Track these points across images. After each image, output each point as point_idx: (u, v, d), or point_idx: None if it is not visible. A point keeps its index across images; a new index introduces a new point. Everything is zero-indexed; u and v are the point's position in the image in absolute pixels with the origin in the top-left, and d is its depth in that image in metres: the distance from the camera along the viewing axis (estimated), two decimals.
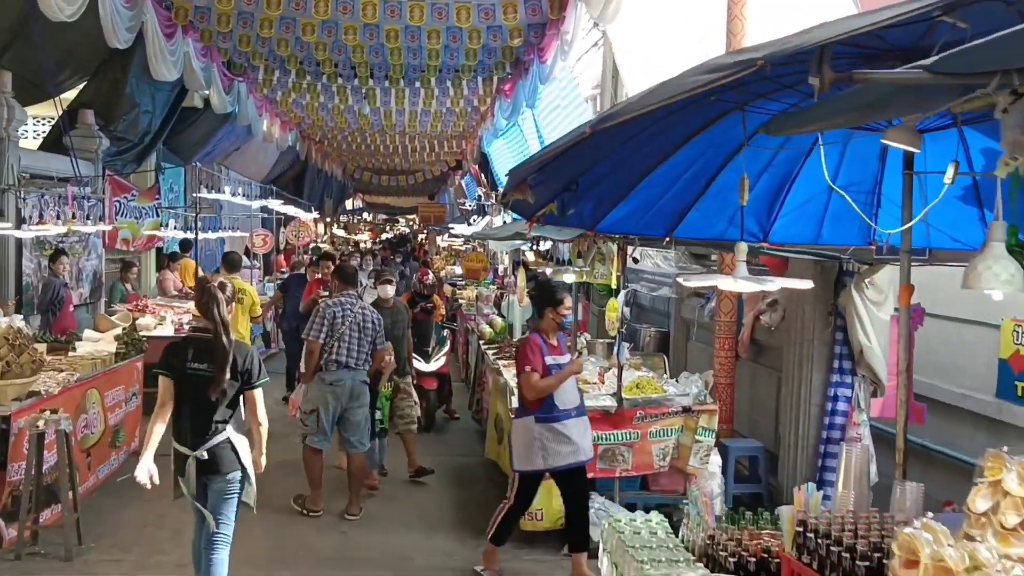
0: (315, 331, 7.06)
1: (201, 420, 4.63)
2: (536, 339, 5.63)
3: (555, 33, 10.84)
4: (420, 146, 23.80)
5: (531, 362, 5.49)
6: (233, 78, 13.87)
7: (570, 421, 5.61)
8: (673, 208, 4.39)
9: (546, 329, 5.71)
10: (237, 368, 4.65)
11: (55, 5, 7.73)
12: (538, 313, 5.80)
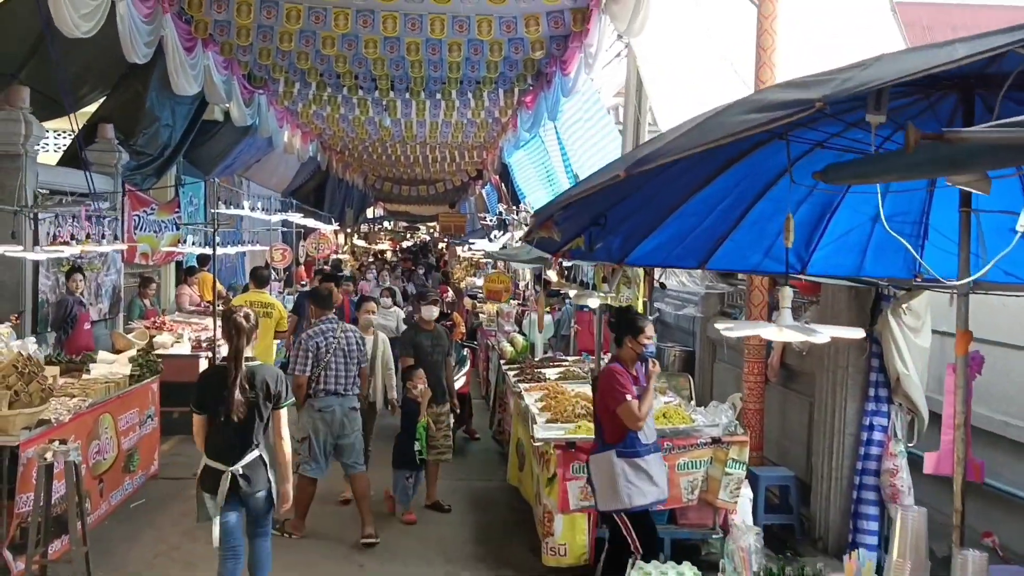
0: (300, 366, 7.07)
1: (236, 439, 5.02)
2: (619, 369, 5.32)
3: (578, 46, 10.65)
4: (441, 156, 23.70)
5: (626, 389, 5.19)
6: (253, 91, 13.79)
7: (651, 457, 5.35)
8: (706, 239, 4.17)
9: (626, 359, 5.40)
10: (269, 390, 5.09)
11: (71, 22, 7.62)
12: (616, 342, 5.49)
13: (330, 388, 7.09)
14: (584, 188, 3.00)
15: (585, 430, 6.16)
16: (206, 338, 10.33)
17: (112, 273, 11.93)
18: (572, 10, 10.25)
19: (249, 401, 5.00)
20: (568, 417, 6.51)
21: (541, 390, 7.72)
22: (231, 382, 4.97)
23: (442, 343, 8.25)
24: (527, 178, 21.17)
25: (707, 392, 9.57)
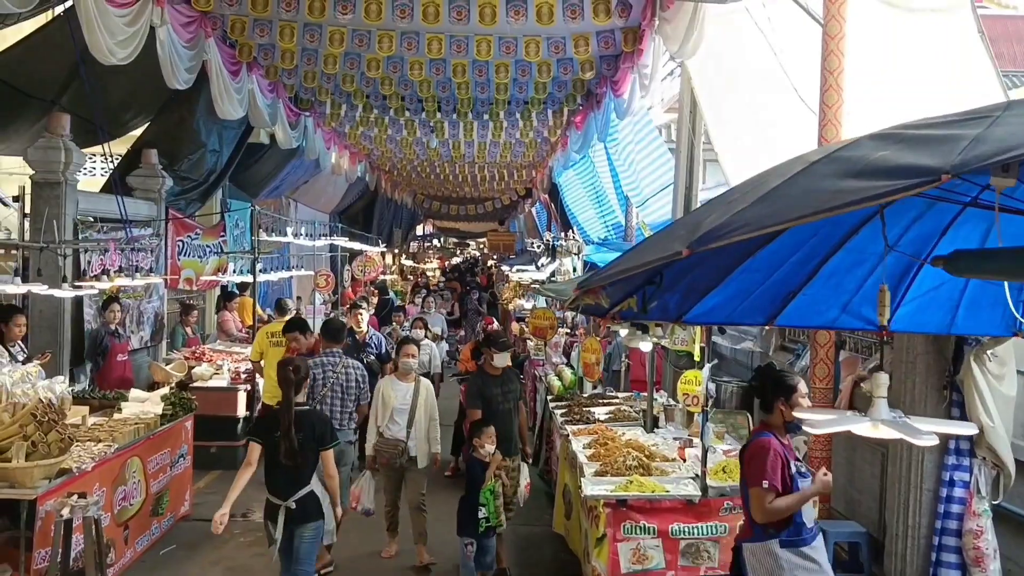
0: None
1: (290, 476, 5.59)
2: (774, 444, 4.48)
3: (630, 66, 10.25)
4: (489, 175, 23.46)
5: (768, 477, 4.38)
6: (300, 113, 13.64)
7: (817, 543, 4.59)
8: (776, 294, 3.70)
9: (777, 426, 4.60)
10: (315, 432, 5.69)
11: (106, 49, 7.43)
12: (764, 407, 4.68)
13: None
14: (639, 263, 2.56)
15: (637, 486, 5.70)
16: (245, 370, 10.07)
17: (155, 300, 11.76)
18: (623, 29, 9.85)
19: (298, 444, 5.57)
20: (619, 469, 6.05)
21: (590, 435, 7.27)
22: (283, 429, 5.56)
23: (513, 389, 7.54)
24: (576, 198, 20.79)
25: None
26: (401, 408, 7.38)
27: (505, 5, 9.12)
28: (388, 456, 7.30)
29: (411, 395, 7.41)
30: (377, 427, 7.37)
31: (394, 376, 7.63)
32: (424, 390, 7.57)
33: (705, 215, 2.37)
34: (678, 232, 2.38)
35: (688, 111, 10.90)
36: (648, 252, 2.52)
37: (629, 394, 9.25)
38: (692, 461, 6.31)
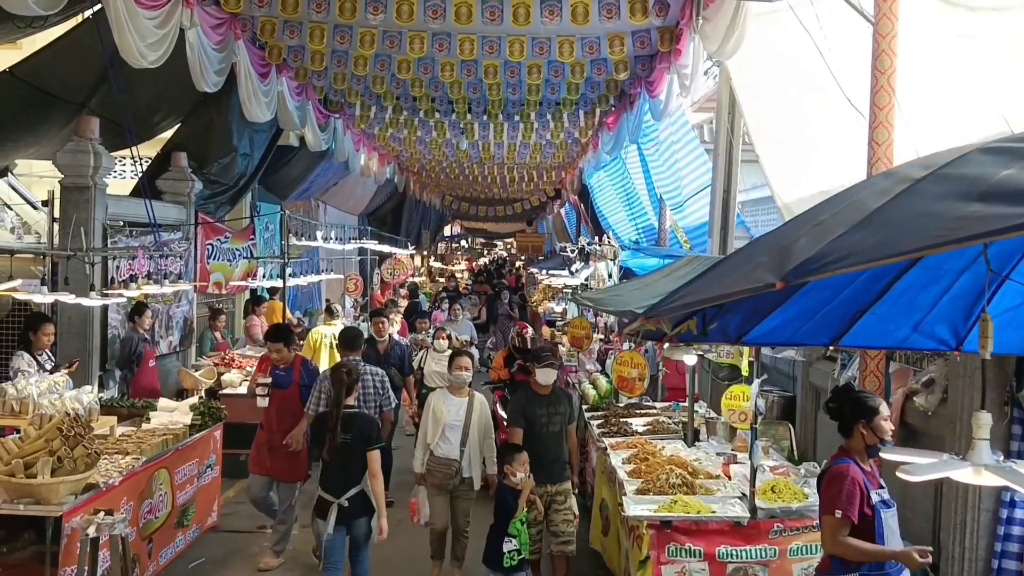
0: (313, 404, 7.18)
1: (343, 475, 6.02)
2: (853, 471, 4.18)
3: (666, 67, 9.99)
4: (519, 176, 23.32)
5: (843, 506, 4.09)
6: (329, 115, 13.53)
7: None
8: (843, 313, 3.45)
9: (857, 450, 4.31)
10: (363, 433, 6.07)
11: (137, 52, 7.32)
12: (843, 430, 4.40)
13: None
14: (724, 293, 2.31)
15: (681, 506, 5.46)
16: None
17: (184, 304, 11.67)
18: (660, 29, 9.62)
19: (345, 443, 6.00)
20: (661, 488, 5.80)
21: (629, 448, 7.02)
22: (330, 428, 6.06)
23: (561, 409, 6.91)
24: (607, 200, 20.53)
25: (810, 444, 8.73)
26: (454, 424, 6.89)
27: (539, 5, 8.92)
28: (441, 476, 6.83)
29: (464, 411, 6.94)
30: (428, 444, 6.94)
31: (446, 390, 7.18)
32: (478, 405, 7.05)
33: (791, 237, 2.12)
34: (760, 258, 2.14)
35: (726, 112, 10.61)
36: (731, 280, 2.26)
37: (667, 404, 8.99)
38: (738, 479, 6.05)
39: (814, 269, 1.90)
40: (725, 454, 6.62)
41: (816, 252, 1.91)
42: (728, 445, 7.04)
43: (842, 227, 1.94)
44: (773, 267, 2.00)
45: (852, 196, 2.03)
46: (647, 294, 6.56)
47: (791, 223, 2.23)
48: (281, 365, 7.48)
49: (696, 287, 2.25)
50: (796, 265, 1.93)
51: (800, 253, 1.95)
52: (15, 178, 12.00)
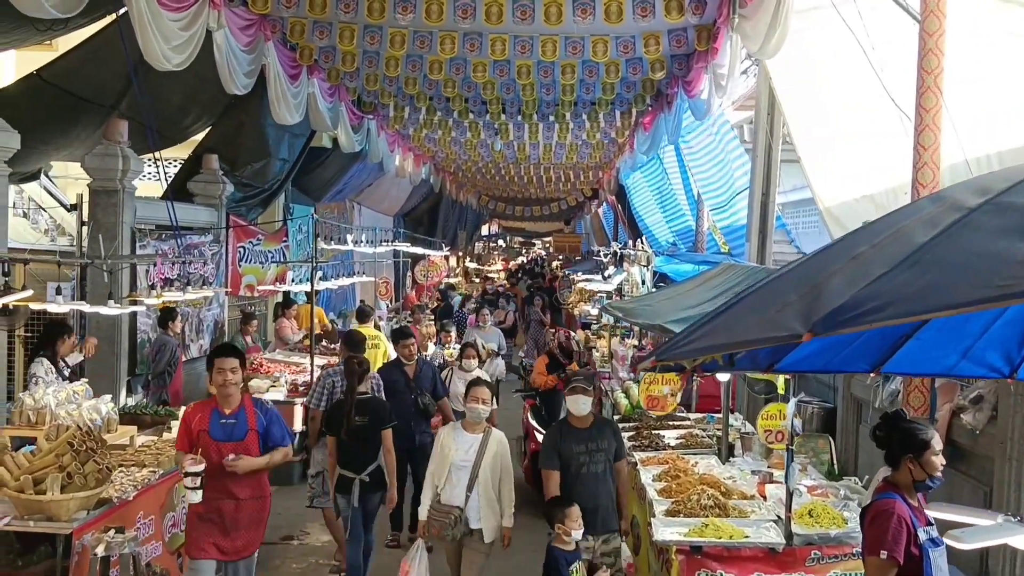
0: (315, 400, 7.65)
1: (360, 454, 6.67)
2: (899, 508, 3.85)
3: (704, 66, 9.71)
4: (555, 176, 23.13)
5: (889, 547, 3.79)
6: (362, 116, 13.42)
7: None
8: (884, 339, 3.18)
9: (905, 485, 3.97)
10: (377, 415, 6.76)
11: (161, 55, 7.20)
12: (890, 460, 4.06)
13: None
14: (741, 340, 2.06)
15: (713, 530, 5.20)
16: (303, 382, 9.80)
17: (215, 308, 11.62)
18: (696, 27, 9.34)
19: (361, 426, 6.63)
20: (692, 509, 5.54)
21: (660, 464, 6.76)
22: (345, 412, 6.71)
23: (604, 444, 5.95)
24: (643, 201, 20.25)
25: (851, 458, 8.39)
26: (462, 465, 5.98)
27: (572, 4, 8.69)
28: (439, 526, 5.94)
29: (476, 450, 5.99)
30: (435, 487, 6.05)
31: (460, 424, 6.28)
32: (495, 444, 6.08)
33: (823, 273, 1.86)
34: (788, 297, 1.88)
35: (766, 112, 10.29)
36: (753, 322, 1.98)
37: (701, 416, 8.71)
38: (773, 499, 5.78)
39: (848, 320, 1.64)
40: (760, 472, 6.34)
41: (851, 298, 1.65)
42: (764, 462, 6.76)
43: (883, 264, 1.68)
44: (801, 312, 1.74)
45: (895, 224, 1.79)
46: (678, 304, 6.32)
47: (826, 252, 1.99)
48: (226, 410, 5.48)
49: (714, 328, 2.01)
50: (827, 313, 1.67)
51: (833, 297, 1.69)
52: (49, 180, 12.04)
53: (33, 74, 8.79)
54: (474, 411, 6.13)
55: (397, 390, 7.96)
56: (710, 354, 2.28)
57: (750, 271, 6.84)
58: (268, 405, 5.89)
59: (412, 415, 8.07)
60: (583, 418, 5.99)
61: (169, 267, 8.72)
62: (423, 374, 8.37)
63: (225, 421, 5.48)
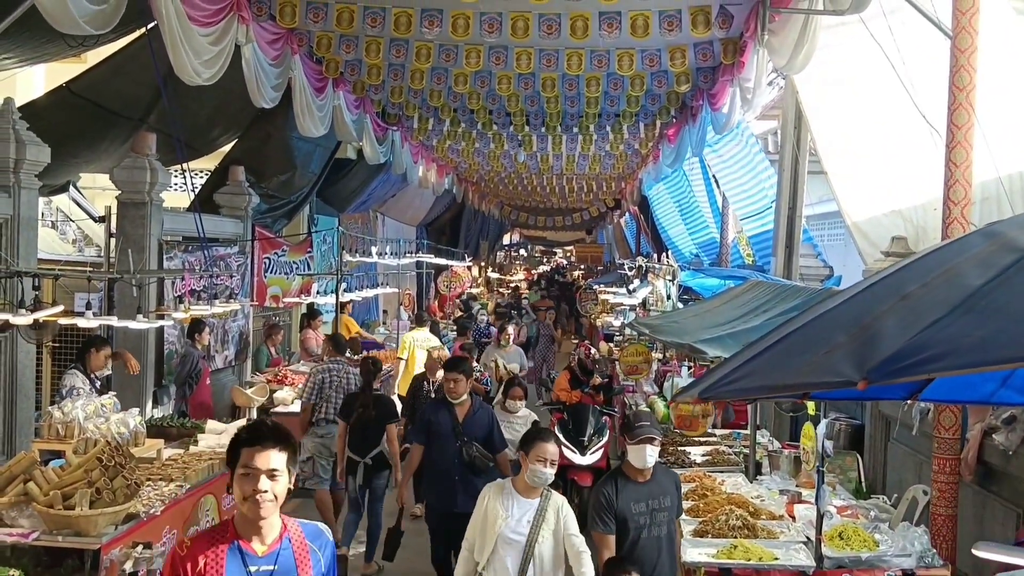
0: (307, 395, 8.47)
1: (367, 440, 7.68)
2: None
3: (729, 79, 9.68)
4: (577, 186, 23.18)
5: None
6: (387, 128, 13.49)
7: None
8: None
9: None
10: (385, 410, 7.82)
11: (191, 69, 7.28)
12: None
13: (329, 417, 8.39)
14: (791, 383, 2.01)
15: (742, 551, 5.15)
16: None
17: (240, 319, 11.67)
18: (723, 40, 9.31)
19: (371, 416, 7.64)
20: (720, 530, 5.49)
21: (687, 481, 6.69)
22: (364, 404, 7.71)
23: (668, 502, 5.05)
24: (666, 212, 20.20)
25: (879, 476, 8.29)
26: (512, 539, 4.78)
27: (598, 19, 8.70)
28: None
29: (530, 520, 4.79)
30: (476, 563, 4.88)
31: (511, 483, 5.01)
32: (553, 514, 4.86)
33: (871, 313, 1.81)
34: (837, 338, 1.82)
35: (792, 127, 10.23)
36: (800, 363, 1.91)
37: (727, 432, 8.64)
38: (803, 520, 5.71)
39: (904, 369, 1.60)
40: (789, 492, 6.27)
41: (907, 345, 1.61)
42: (792, 481, 6.69)
43: (938, 309, 1.64)
44: (853, 356, 1.70)
45: (945, 262, 1.75)
46: (706, 322, 6.27)
47: (871, 290, 1.95)
48: (256, 545, 3.09)
49: (759, 367, 1.97)
50: (882, 361, 1.63)
51: (887, 342, 1.65)
52: (77, 191, 12.16)
53: (62, 87, 8.89)
54: (538, 474, 4.83)
55: (440, 433, 6.72)
56: (757, 395, 2.25)
57: (779, 289, 6.78)
58: (325, 535, 3.31)
59: (455, 467, 6.62)
60: (644, 471, 4.95)
61: (196, 279, 8.77)
62: (476, 419, 6.82)
63: (257, 571, 3.08)
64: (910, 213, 8.21)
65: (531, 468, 4.84)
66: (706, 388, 2.03)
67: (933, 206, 7.57)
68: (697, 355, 5.64)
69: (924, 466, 6.70)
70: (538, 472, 4.83)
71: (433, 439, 6.81)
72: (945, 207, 6.18)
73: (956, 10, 6.13)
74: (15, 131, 7.17)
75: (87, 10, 5.46)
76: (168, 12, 6.54)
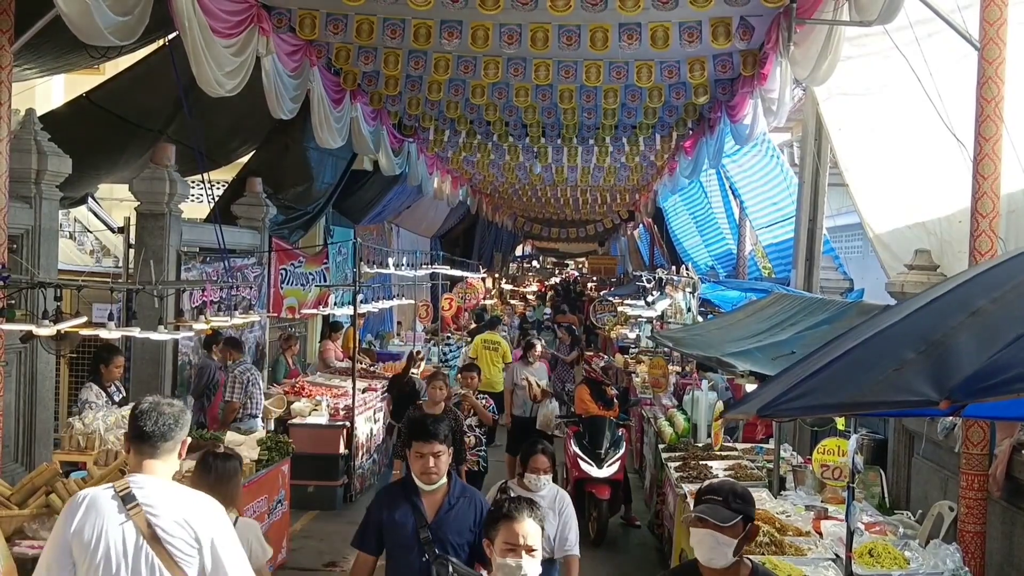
0: (237, 394, 8.69)
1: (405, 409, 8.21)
2: None
3: (748, 91, 9.63)
4: (591, 198, 23.18)
5: None
6: (403, 139, 13.50)
7: None
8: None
9: None
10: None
11: (214, 81, 7.28)
12: None
13: (253, 413, 8.75)
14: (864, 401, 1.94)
15: (771, 568, 5.05)
16: (344, 406, 9.79)
17: (256, 330, 11.65)
18: (742, 52, 9.26)
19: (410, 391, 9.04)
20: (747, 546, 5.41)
21: None
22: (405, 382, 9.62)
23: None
24: (681, 224, 20.14)
25: (902, 492, 8.19)
26: None
27: (618, 30, 8.65)
28: None
29: None
30: None
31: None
32: None
33: (941, 329, 1.74)
34: (904, 354, 1.76)
35: (813, 138, 10.17)
36: (868, 379, 1.84)
37: (749, 446, 8.55)
38: (831, 538, 5.63)
39: (991, 388, 1.53)
40: (815, 507, 6.19)
41: (990, 363, 1.55)
42: (817, 497, 6.61)
43: (1016, 325, 1.58)
44: (929, 374, 1.64)
45: (1013, 275, 1.69)
46: (731, 335, 6.21)
47: (934, 305, 1.89)
48: None
49: (821, 384, 1.91)
50: (965, 379, 1.57)
51: (965, 359, 1.59)
52: (95, 202, 12.20)
53: (82, 97, 8.92)
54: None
55: (398, 541, 4.30)
56: (824, 413, 2.20)
57: (805, 302, 6.70)
58: None
59: None
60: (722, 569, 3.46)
61: (216, 290, 8.78)
62: (456, 515, 4.31)
63: None
64: (934, 226, 8.12)
65: (497, 562, 3.43)
66: (766, 405, 1.98)
67: (958, 218, 7.49)
68: (725, 368, 5.56)
69: (949, 482, 6.61)
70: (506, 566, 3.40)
71: (389, 547, 4.35)
72: (973, 220, 6.11)
73: (984, 21, 6.07)
74: (36, 142, 7.18)
75: (112, 21, 5.46)
76: (191, 23, 6.54)
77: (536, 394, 10.29)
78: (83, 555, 3.21)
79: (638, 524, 9.40)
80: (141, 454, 3.36)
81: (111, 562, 3.20)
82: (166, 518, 3.25)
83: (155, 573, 3.23)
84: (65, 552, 3.24)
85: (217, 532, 3.34)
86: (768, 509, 6.21)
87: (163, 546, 3.22)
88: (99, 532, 3.21)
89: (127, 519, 3.22)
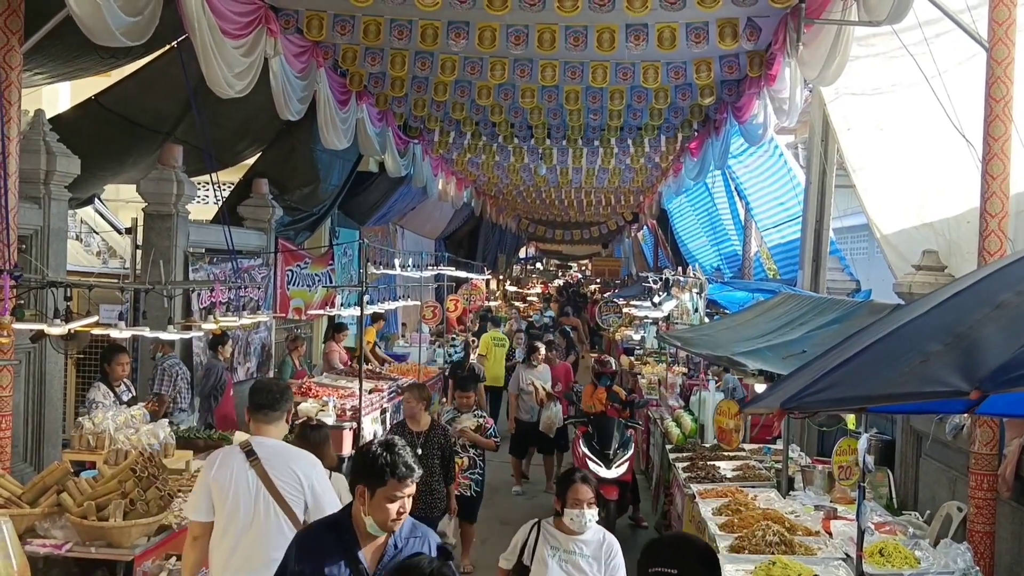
0: (167, 388, 8.57)
1: None
2: None
3: (755, 92, 9.63)
4: (596, 200, 23.15)
5: None
6: (408, 141, 13.51)
7: None
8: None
9: None
10: None
11: (224, 82, 7.29)
12: None
13: (182, 407, 8.79)
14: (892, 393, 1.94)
15: (781, 568, 5.05)
16: (351, 406, 9.79)
17: (262, 331, 11.67)
18: (749, 53, 9.26)
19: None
20: (757, 546, 5.40)
21: (719, 496, 6.61)
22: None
23: None
24: (686, 225, 20.13)
25: (910, 492, 8.17)
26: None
27: (625, 31, 8.66)
28: None
29: None
30: None
31: None
32: None
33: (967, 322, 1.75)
34: (930, 347, 1.76)
35: (819, 139, 10.16)
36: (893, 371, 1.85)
37: (757, 447, 8.54)
38: (841, 537, 5.62)
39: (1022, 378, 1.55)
40: (824, 507, 6.18)
41: (1020, 353, 1.55)
42: (826, 497, 6.60)
43: None
44: (957, 365, 1.65)
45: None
46: (740, 335, 6.20)
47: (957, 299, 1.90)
48: None
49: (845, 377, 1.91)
50: (995, 369, 1.57)
51: (993, 351, 1.60)
52: (102, 203, 12.22)
53: (91, 100, 8.94)
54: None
55: None
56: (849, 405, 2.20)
57: (814, 302, 6.70)
58: None
59: None
60: None
61: (224, 290, 8.80)
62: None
63: None
64: (941, 226, 8.11)
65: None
66: (789, 398, 1.98)
67: (966, 219, 7.48)
68: (736, 367, 5.55)
69: (957, 482, 6.60)
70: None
71: None
72: (982, 220, 6.11)
73: (993, 21, 6.07)
74: (45, 143, 7.20)
75: (123, 21, 5.47)
76: (200, 24, 6.55)
77: (542, 398, 10.33)
78: (220, 494, 4.31)
79: (645, 525, 9.39)
80: (257, 421, 4.51)
81: (239, 499, 4.27)
82: (278, 468, 4.30)
83: (271, 508, 4.27)
84: (207, 491, 4.35)
85: (316, 479, 4.38)
86: (777, 509, 6.21)
87: (276, 488, 4.26)
88: (230, 477, 4.30)
89: (249, 468, 4.29)
